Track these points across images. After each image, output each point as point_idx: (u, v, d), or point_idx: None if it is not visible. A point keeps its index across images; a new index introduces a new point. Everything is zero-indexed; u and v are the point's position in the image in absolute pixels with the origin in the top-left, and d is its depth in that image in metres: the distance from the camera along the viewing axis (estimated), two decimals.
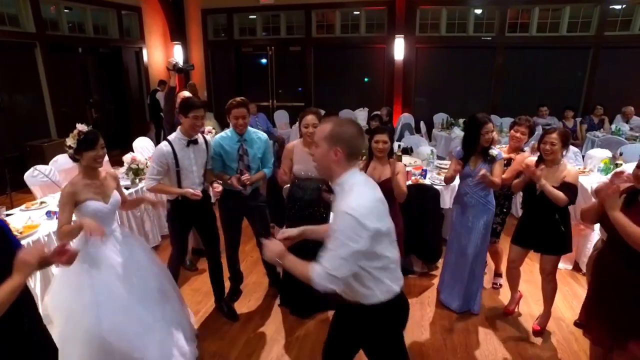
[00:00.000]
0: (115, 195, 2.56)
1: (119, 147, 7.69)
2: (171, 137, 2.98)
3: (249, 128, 3.29)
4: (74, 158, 2.38)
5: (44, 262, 1.67)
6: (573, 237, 3.04)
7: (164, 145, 2.94)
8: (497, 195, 3.43)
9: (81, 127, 2.30)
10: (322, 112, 3.21)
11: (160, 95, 8.59)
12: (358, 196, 1.60)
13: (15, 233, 3.01)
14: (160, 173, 2.93)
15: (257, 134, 3.33)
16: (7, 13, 6.43)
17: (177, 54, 9.73)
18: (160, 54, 9.81)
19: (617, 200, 2.05)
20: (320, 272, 1.57)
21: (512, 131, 3.51)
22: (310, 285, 1.59)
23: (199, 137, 3.08)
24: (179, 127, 3.02)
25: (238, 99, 3.16)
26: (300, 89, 9.88)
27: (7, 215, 3.42)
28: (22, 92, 6.81)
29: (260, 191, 3.45)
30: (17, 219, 3.32)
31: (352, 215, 1.54)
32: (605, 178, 3.67)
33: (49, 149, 6.44)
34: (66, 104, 7.41)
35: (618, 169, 2.84)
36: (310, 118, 3.07)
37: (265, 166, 3.35)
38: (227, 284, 3.73)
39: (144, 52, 9.22)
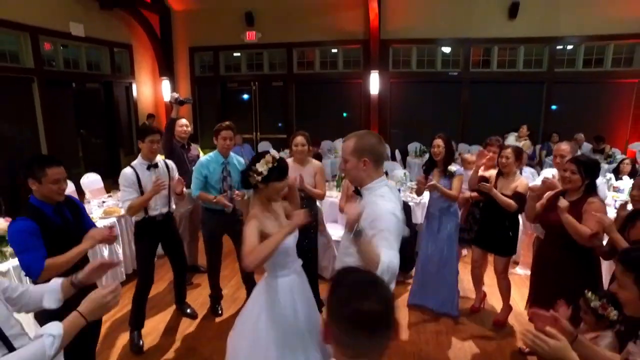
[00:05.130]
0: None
1: (110, 177, 7.98)
2: (133, 162, 3.25)
3: (230, 152, 3.69)
4: (252, 185, 2.16)
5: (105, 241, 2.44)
6: (529, 244, 3.58)
7: (127, 169, 3.19)
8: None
9: (274, 152, 2.17)
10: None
11: None
12: (393, 203, 1.83)
13: None
14: (131, 193, 3.13)
15: (237, 158, 3.77)
16: (8, 50, 6.85)
17: (165, 89, 10.23)
18: (149, 89, 10.30)
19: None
20: (386, 262, 1.66)
21: (485, 151, 4.09)
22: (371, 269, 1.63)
23: (160, 162, 3.35)
24: (140, 153, 3.27)
25: (227, 122, 3.64)
26: (282, 122, 10.45)
27: None
28: (19, 124, 7.12)
29: (236, 207, 3.68)
30: None
31: (397, 216, 1.78)
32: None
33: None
34: (59, 135, 7.72)
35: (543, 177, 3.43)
36: (299, 139, 3.56)
37: None
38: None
39: (134, 87, 9.68)
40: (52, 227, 2.19)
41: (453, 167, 3.62)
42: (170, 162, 3.51)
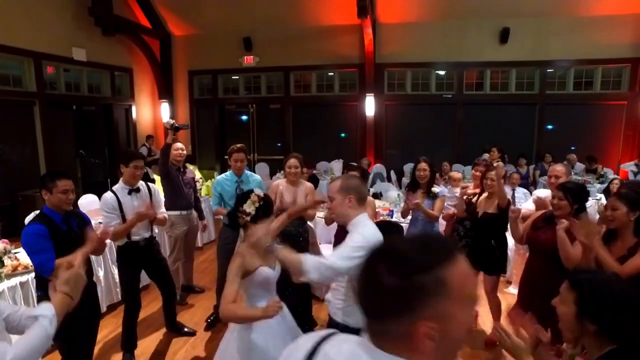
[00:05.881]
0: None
1: None
2: (115, 187, 3.31)
3: (246, 171, 3.91)
4: (239, 226, 2.25)
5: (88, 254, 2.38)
6: (522, 264, 3.62)
7: (107, 194, 3.24)
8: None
9: (258, 191, 2.26)
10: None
11: (142, 149, 9.21)
12: (368, 229, 2.04)
13: None
14: (113, 219, 3.15)
15: (253, 176, 3.98)
16: (12, 75, 7.03)
17: (164, 112, 10.41)
18: (149, 111, 10.48)
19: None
20: (311, 263, 1.88)
21: (472, 171, 4.25)
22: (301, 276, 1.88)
23: (142, 186, 3.39)
24: (121, 178, 3.32)
25: (238, 145, 3.86)
26: (279, 144, 10.60)
27: (15, 253, 3.76)
28: (19, 146, 7.25)
29: None
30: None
31: (365, 237, 1.95)
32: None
33: (40, 198, 6.77)
34: (59, 156, 7.83)
35: (534, 196, 3.52)
36: (292, 161, 3.70)
37: None
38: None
39: (133, 109, 9.86)
40: (59, 234, 2.47)
41: (436, 189, 3.74)
42: (152, 186, 3.52)
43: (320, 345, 0.90)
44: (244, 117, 10.83)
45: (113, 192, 3.25)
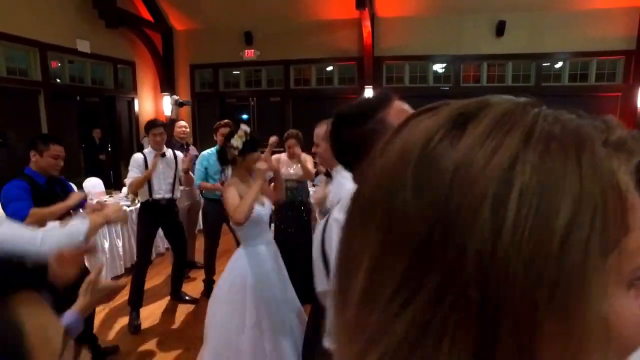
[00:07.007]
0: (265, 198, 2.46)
1: (110, 188, 8.20)
2: (145, 150, 3.79)
3: None
4: (230, 161, 2.43)
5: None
6: None
7: (138, 154, 3.75)
8: None
9: (245, 127, 2.43)
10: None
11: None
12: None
13: None
14: (136, 173, 3.64)
15: None
16: (18, 67, 7.21)
17: (166, 104, 10.55)
18: (151, 104, 10.63)
19: None
20: None
21: None
22: None
23: (169, 152, 3.83)
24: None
25: (225, 120, 4.05)
26: (280, 137, 10.73)
27: None
28: (25, 134, 7.37)
29: None
30: None
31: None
32: None
33: None
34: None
35: None
36: (291, 141, 4.04)
37: None
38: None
39: (136, 102, 10.00)
40: (41, 193, 2.47)
41: None
42: (178, 153, 3.93)
43: None
44: (245, 111, 10.97)
45: (143, 153, 3.70)
